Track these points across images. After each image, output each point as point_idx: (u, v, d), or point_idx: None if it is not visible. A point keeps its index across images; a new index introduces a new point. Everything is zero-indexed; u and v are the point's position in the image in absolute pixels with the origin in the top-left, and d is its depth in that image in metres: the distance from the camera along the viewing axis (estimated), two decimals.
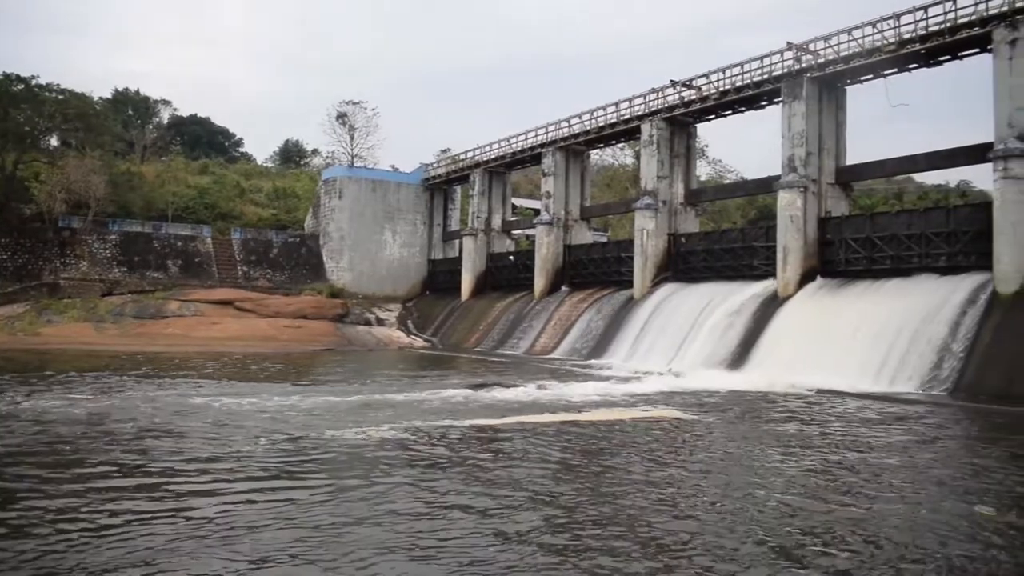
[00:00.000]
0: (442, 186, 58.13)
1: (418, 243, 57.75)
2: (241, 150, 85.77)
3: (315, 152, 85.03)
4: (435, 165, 59.38)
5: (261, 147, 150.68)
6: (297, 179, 73.07)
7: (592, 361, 33.61)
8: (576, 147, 44.42)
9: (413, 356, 40.66)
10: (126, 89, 73.55)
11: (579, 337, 37.79)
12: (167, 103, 76.80)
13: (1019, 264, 23.33)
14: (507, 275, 49.52)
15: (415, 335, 49.62)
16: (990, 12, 25.30)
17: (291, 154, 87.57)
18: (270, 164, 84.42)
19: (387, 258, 56.65)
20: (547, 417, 16.78)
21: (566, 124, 43.82)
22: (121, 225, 52.53)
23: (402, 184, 57.80)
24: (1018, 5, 24.53)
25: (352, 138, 67.57)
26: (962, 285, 24.69)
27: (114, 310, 45.37)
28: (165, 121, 77.39)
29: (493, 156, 50.40)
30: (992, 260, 23.96)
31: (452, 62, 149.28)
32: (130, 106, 72.45)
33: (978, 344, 22.57)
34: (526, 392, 21.48)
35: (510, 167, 51.64)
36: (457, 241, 55.96)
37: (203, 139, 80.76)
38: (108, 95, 70.69)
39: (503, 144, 49.49)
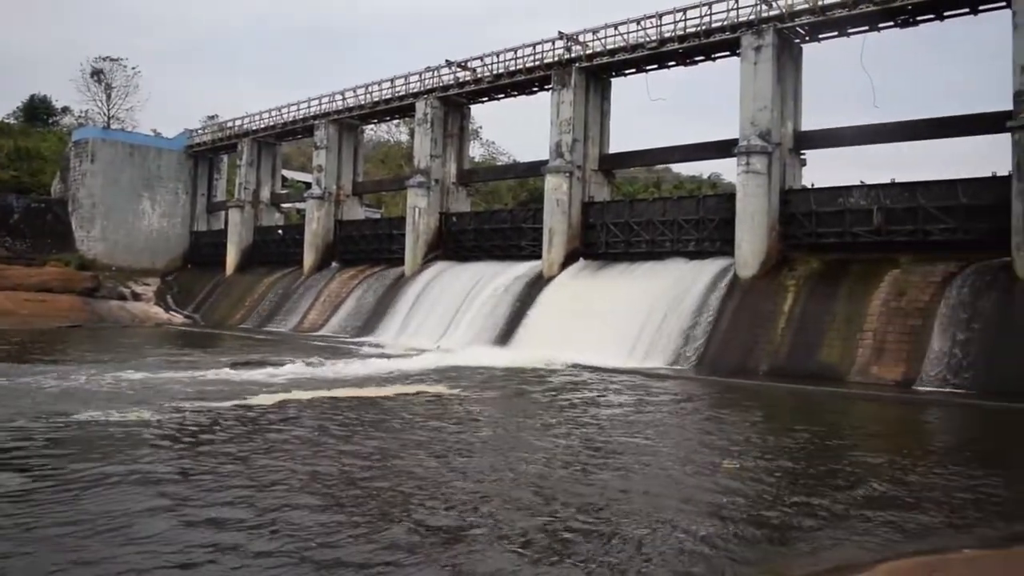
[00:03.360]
0: (207, 154, 55.17)
1: (180, 213, 54.44)
2: None
3: (66, 111, 77.85)
4: (200, 132, 56.20)
5: (1, 102, 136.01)
6: (44, 139, 66.36)
7: (362, 338, 33.26)
8: (350, 121, 43.65)
9: (172, 333, 38.46)
10: None
11: (349, 314, 37.31)
12: None
13: (756, 250, 25.59)
14: (275, 250, 47.88)
15: (175, 311, 46.93)
16: (740, 19, 27.33)
17: (37, 111, 79.54)
18: (12, 121, 76.35)
19: (145, 229, 52.98)
20: (312, 394, 16.36)
21: (340, 97, 42.90)
22: None
23: (163, 150, 54.19)
24: (764, 15, 26.70)
25: (109, 98, 62.78)
26: (708, 269, 26.74)
27: None
28: None
29: (263, 126, 48.44)
30: (734, 246, 26.13)
31: (224, 26, 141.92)
32: None
33: (720, 323, 24.57)
34: (292, 370, 20.82)
35: (281, 138, 49.91)
36: (223, 213, 53.42)
37: None
38: None
39: (274, 114, 47.68)
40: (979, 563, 7.10)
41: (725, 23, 27.76)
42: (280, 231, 49.15)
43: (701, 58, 30.19)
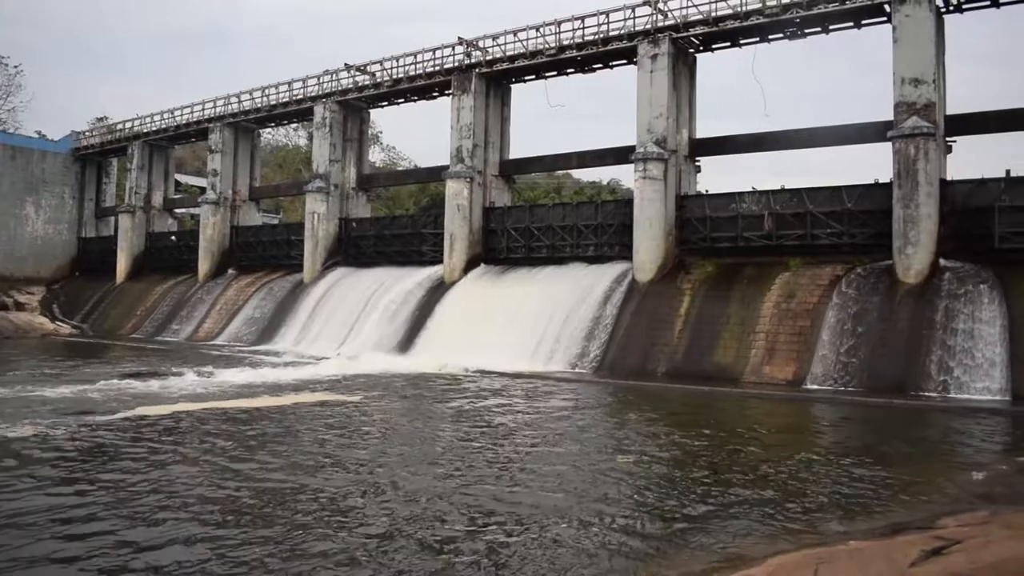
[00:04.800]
0: (96, 158, 52.84)
1: (67, 219, 51.96)
2: None
3: None
4: (88, 134, 53.85)
5: None
6: None
7: (260, 346, 32.51)
8: (246, 124, 42.61)
9: (59, 344, 36.68)
10: None
11: (246, 322, 36.39)
12: None
13: (654, 255, 26.07)
14: (169, 256, 46.33)
15: (62, 321, 44.78)
16: (636, 28, 27.82)
17: None
18: None
19: (29, 235, 50.31)
20: (204, 406, 15.83)
21: (236, 99, 41.84)
22: None
23: (48, 153, 51.60)
24: (660, 25, 27.25)
25: None
26: (607, 273, 27.10)
27: None
28: None
29: (155, 128, 46.73)
30: (632, 251, 26.56)
31: (113, 25, 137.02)
32: None
33: (619, 326, 24.94)
34: (184, 380, 20.10)
35: (174, 141, 48.28)
36: (113, 218, 51.37)
37: None
38: None
39: (167, 116, 46.06)
40: (863, 554, 7.31)
41: (622, 32, 28.21)
42: (174, 237, 47.61)
43: (599, 66, 30.61)
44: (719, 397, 19.74)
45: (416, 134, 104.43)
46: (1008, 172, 21.79)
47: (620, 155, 29.11)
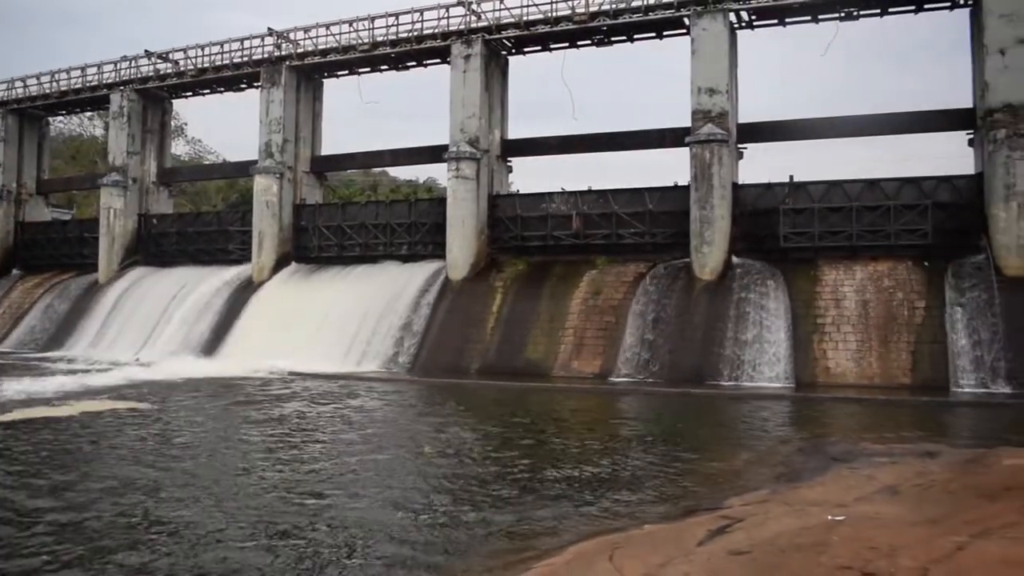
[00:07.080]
0: None
1: None
2: None
3: None
4: None
5: None
6: None
7: (50, 353, 30.15)
8: (33, 111, 39.36)
9: None
10: None
11: (34, 326, 33.71)
12: None
13: (467, 254, 26.31)
14: None
15: None
16: (450, 28, 27.95)
17: None
18: None
19: None
20: None
21: (21, 84, 38.54)
22: None
23: None
24: (473, 26, 27.48)
25: None
26: (421, 272, 27.10)
27: None
28: None
29: None
30: (446, 250, 26.67)
31: None
32: None
33: (432, 325, 24.98)
34: None
35: None
36: None
37: None
38: None
39: None
40: (656, 537, 7.63)
41: (436, 31, 28.25)
42: None
43: (413, 64, 30.52)
44: (529, 391, 20.16)
45: (227, 127, 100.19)
46: (791, 177, 23.61)
47: (434, 154, 29.12)
